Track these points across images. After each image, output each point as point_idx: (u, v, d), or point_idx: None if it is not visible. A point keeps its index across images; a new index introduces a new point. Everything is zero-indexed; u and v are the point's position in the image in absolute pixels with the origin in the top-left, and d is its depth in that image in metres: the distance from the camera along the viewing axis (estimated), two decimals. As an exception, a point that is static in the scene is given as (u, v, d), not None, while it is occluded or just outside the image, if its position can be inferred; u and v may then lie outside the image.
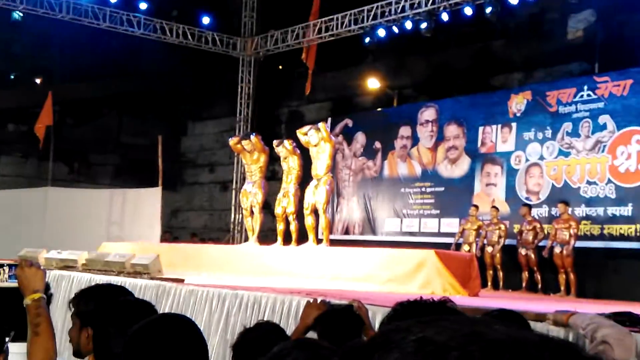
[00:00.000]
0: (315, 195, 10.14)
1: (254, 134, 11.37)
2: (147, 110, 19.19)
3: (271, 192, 12.94)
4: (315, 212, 10.28)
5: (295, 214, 10.54)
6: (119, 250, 10.22)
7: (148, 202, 15.00)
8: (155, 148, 14.93)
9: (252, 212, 11.25)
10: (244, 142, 11.24)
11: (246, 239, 12.33)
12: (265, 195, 11.23)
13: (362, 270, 8.47)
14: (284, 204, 10.61)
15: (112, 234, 14.94)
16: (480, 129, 13.31)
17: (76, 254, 9.51)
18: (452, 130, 13.86)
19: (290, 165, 10.58)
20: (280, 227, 10.71)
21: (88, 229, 14.69)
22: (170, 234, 17.61)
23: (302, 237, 10.42)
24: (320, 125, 10.18)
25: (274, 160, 13.65)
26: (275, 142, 10.79)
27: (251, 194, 11.19)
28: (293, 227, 10.55)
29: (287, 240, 10.62)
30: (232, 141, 11.61)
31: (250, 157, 11.21)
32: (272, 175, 16.64)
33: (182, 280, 7.07)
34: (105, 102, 18.99)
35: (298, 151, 10.62)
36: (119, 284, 2.99)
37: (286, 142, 10.54)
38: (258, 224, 11.08)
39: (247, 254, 10.39)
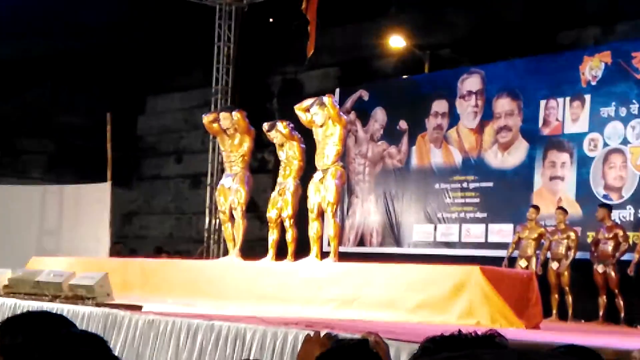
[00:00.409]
0: (322, 192, 10.15)
1: (236, 108, 11.37)
2: (90, 79, 19.20)
3: (259, 188, 12.97)
4: (321, 215, 10.30)
5: (293, 219, 10.57)
6: (55, 267, 10.23)
7: (93, 202, 15.04)
8: (102, 130, 14.93)
9: (232, 216, 11.28)
10: (222, 118, 11.24)
11: (225, 252, 12.35)
12: (249, 192, 11.23)
13: (381, 293, 8.51)
14: (280, 205, 10.63)
15: (46, 245, 15.00)
16: (542, 103, 13.30)
17: (-3, 273, 9.56)
18: (503, 104, 13.86)
19: (289, 154, 10.59)
20: (272, 236, 10.74)
21: (12, 239, 14.74)
22: (123, 245, 17.65)
23: (301, 250, 10.44)
24: (326, 98, 10.16)
25: (262, 145, 13.67)
26: (265, 126, 10.77)
27: (231, 192, 11.19)
28: (290, 236, 10.57)
29: (280, 253, 10.66)
30: (206, 119, 11.63)
31: (230, 141, 11.23)
32: (261, 165, 16.69)
33: (139, 307, 7.10)
34: (35, 69, 19.00)
35: (297, 134, 10.63)
36: (55, 312, 3.01)
37: (279, 125, 10.53)
38: (241, 231, 11.09)
39: (226, 271, 10.43)
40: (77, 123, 19.37)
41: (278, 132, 10.53)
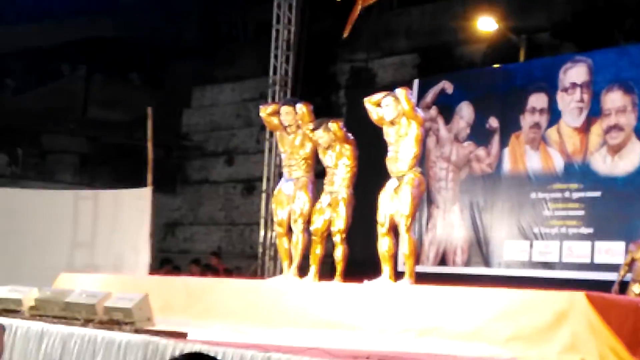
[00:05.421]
0: (395, 202, 10.15)
1: (301, 101, 11.28)
2: (129, 67, 19.47)
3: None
4: (394, 229, 10.31)
5: (345, 234, 10.60)
6: (87, 286, 10.37)
7: (131, 210, 15.19)
8: (142, 126, 15.10)
9: (289, 230, 11.33)
10: (283, 112, 11.16)
11: (281, 271, 12.41)
12: (313, 202, 11.21)
13: (466, 322, 8.45)
14: (329, 216, 10.67)
15: (77, 259, 15.15)
16: (662, 97, 13.18)
17: (20, 292, 9.67)
18: (615, 99, 13.73)
19: (339, 158, 10.56)
20: (317, 250, 10.84)
21: (39, 252, 14.95)
22: (168, 261, 17.78)
23: (365, 268, 10.44)
24: (400, 92, 10.11)
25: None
26: (310, 125, 10.76)
27: (290, 200, 11.23)
28: (340, 252, 10.61)
29: (325, 272, 10.71)
30: (264, 110, 11.60)
31: (292, 140, 11.21)
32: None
33: (184, 335, 7.18)
34: (66, 55, 19.33)
35: (351, 137, 10.61)
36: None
37: (332, 125, 10.51)
38: (300, 247, 11.13)
39: (283, 293, 10.46)
40: (113, 118, 19.61)
41: (328, 132, 10.52)
